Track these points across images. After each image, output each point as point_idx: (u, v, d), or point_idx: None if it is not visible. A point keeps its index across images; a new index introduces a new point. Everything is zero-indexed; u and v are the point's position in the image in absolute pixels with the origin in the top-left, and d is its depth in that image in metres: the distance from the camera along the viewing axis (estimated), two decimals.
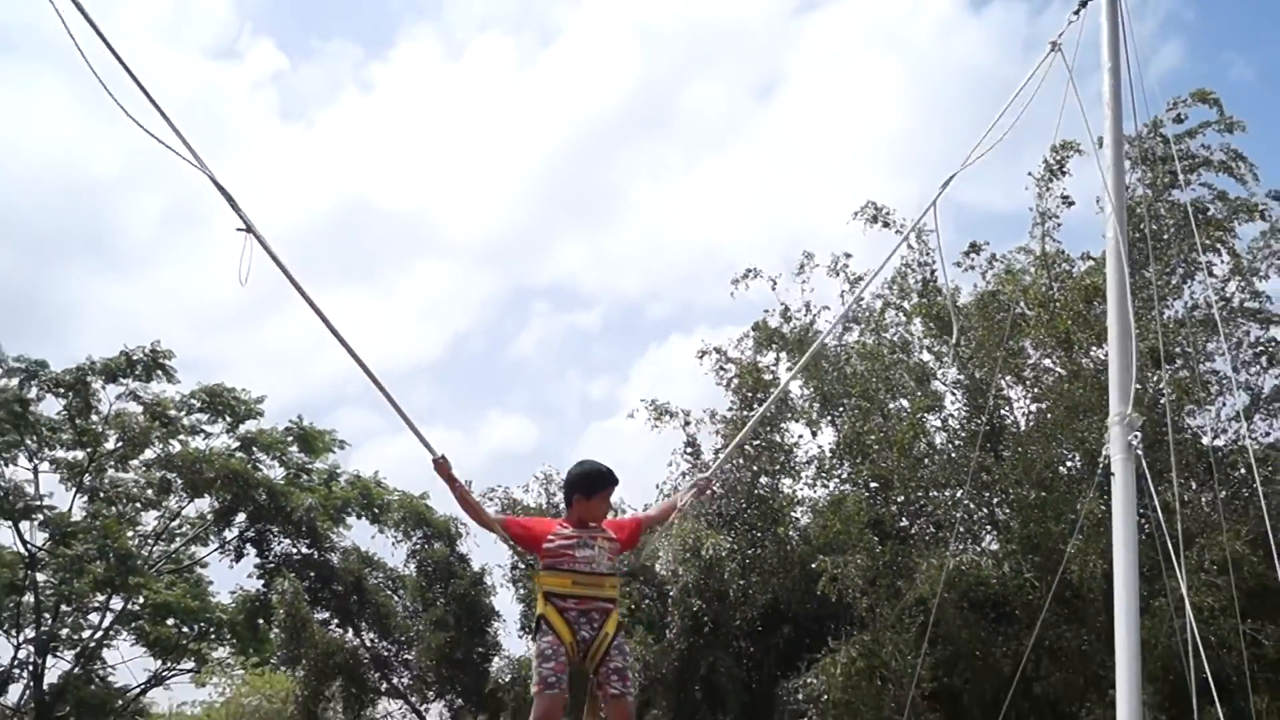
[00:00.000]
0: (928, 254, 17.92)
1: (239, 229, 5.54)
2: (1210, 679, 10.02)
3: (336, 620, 21.89)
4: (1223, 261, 17.13)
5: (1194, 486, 16.97)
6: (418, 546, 22.21)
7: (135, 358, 27.69)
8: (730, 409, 18.54)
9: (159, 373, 27.87)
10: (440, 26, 70.87)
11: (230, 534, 23.93)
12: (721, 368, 18.73)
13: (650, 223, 59.13)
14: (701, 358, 18.87)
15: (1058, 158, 16.71)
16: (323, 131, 62.15)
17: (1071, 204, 17.06)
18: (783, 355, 18.47)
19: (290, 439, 28.54)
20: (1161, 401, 14.66)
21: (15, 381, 27.87)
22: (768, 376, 18.35)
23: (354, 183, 60.96)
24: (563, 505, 6.55)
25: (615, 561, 6.36)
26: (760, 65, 63.87)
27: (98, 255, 55.47)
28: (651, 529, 7.16)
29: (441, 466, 6.22)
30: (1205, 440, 17.62)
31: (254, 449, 27.99)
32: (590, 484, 6.37)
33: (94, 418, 28.58)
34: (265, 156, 58.59)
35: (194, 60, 60.25)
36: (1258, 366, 17.65)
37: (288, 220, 53.44)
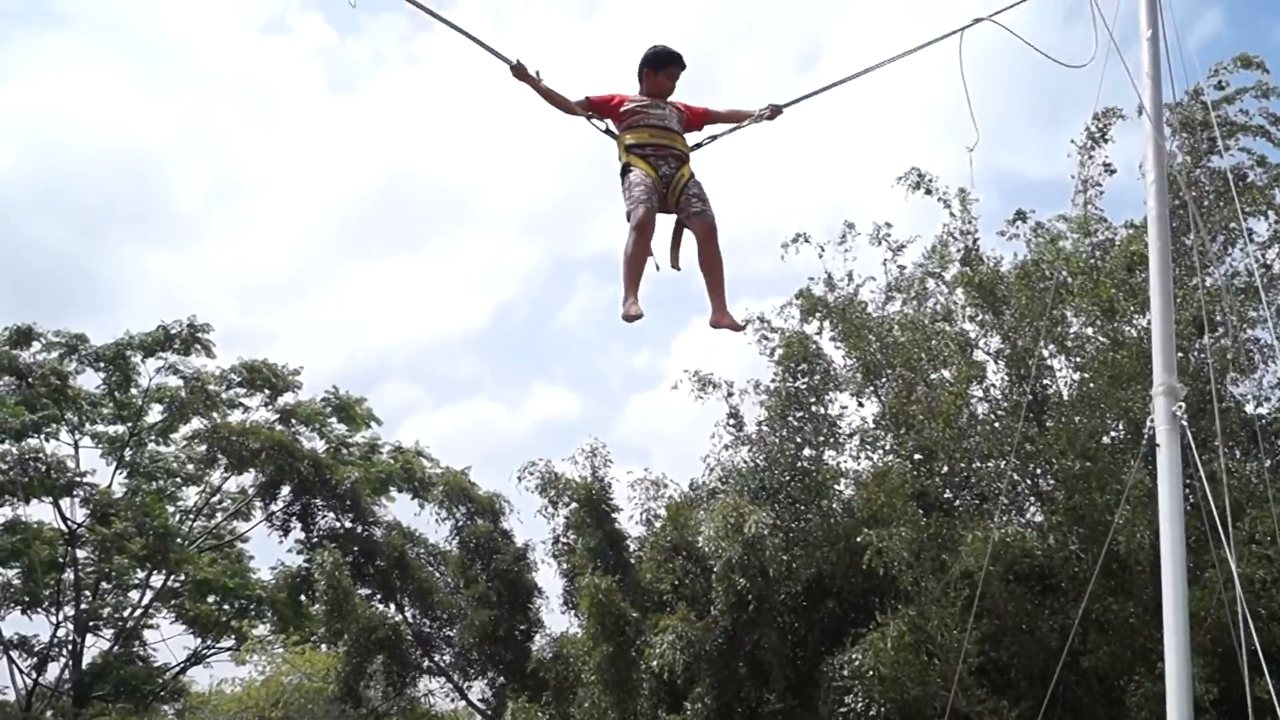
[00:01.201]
0: (970, 222, 17.72)
1: None
2: (1260, 652, 9.94)
3: (379, 596, 21.96)
4: (1270, 226, 16.87)
5: (1238, 456, 16.79)
6: (460, 523, 22.25)
7: (174, 332, 27.83)
8: (774, 379, 18.43)
9: (197, 347, 28.00)
10: None
11: (275, 508, 24.02)
12: (765, 336, 18.60)
13: None
14: (745, 325, 18.70)
15: (1100, 125, 16.46)
16: (369, 104, 62.17)
17: (1114, 171, 16.85)
18: (825, 324, 18.29)
19: (329, 410, 28.67)
20: (1205, 370, 14.45)
21: (55, 355, 28.07)
22: (812, 346, 18.21)
23: (400, 155, 61.08)
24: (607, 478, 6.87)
25: (682, 124, 7.15)
26: (803, 35, 63.34)
27: (146, 228, 55.85)
28: (716, 121, 7.59)
29: (519, 70, 6.75)
30: (1249, 409, 17.44)
31: (293, 421, 28.14)
32: (659, 59, 7.17)
33: (133, 391, 28.79)
34: (314, 129, 58.62)
35: (245, 34, 60.32)
36: None
37: (335, 192, 53.52)
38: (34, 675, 27.73)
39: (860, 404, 18.42)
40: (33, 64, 49.44)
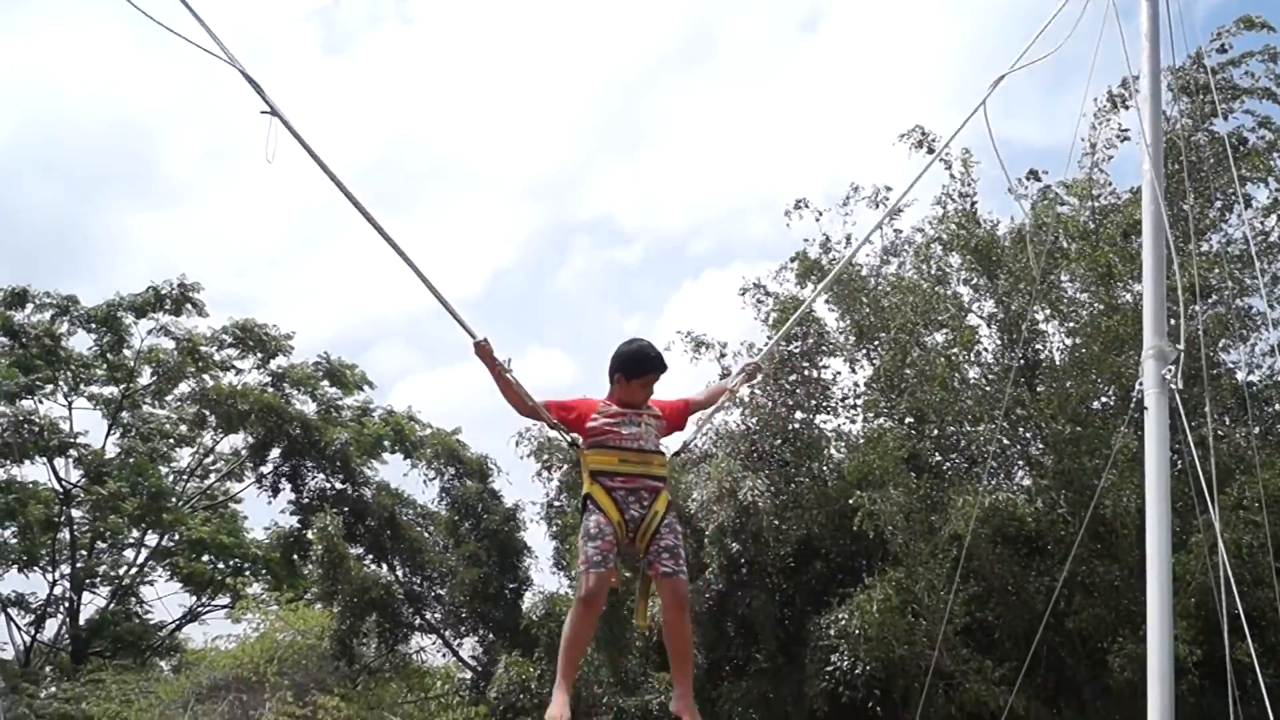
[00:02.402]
0: (969, 184, 17.69)
1: (263, 111, 5.47)
2: (1243, 615, 10.03)
3: (370, 556, 22.09)
4: (1271, 193, 16.88)
5: (1228, 423, 16.88)
6: (450, 484, 22.32)
7: (164, 292, 27.83)
8: (768, 342, 18.45)
9: (189, 307, 28.01)
10: None
11: (265, 469, 24.17)
12: (759, 300, 18.63)
13: (692, 157, 58.66)
14: (743, 294, 18.76)
15: (1122, 92, 16.38)
16: (365, 65, 61.71)
17: (1126, 138, 16.78)
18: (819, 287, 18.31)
19: (320, 374, 28.75)
20: (1195, 333, 14.47)
21: (46, 317, 28.09)
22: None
23: (396, 117, 60.63)
24: None
25: (660, 440, 6.11)
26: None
27: (140, 191, 55.62)
28: (699, 412, 6.92)
29: (482, 348, 5.91)
30: (1240, 376, 17.52)
31: (285, 384, 28.23)
32: (635, 366, 6.07)
33: (126, 353, 28.84)
34: (308, 91, 58.27)
35: None
36: None
37: (331, 155, 53.19)
38: (32, 632, 28.02)
39: (854, 370, 18.48)
40: (25, 26, 49.09)
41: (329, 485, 23.25)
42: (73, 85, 48.69)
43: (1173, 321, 14.97)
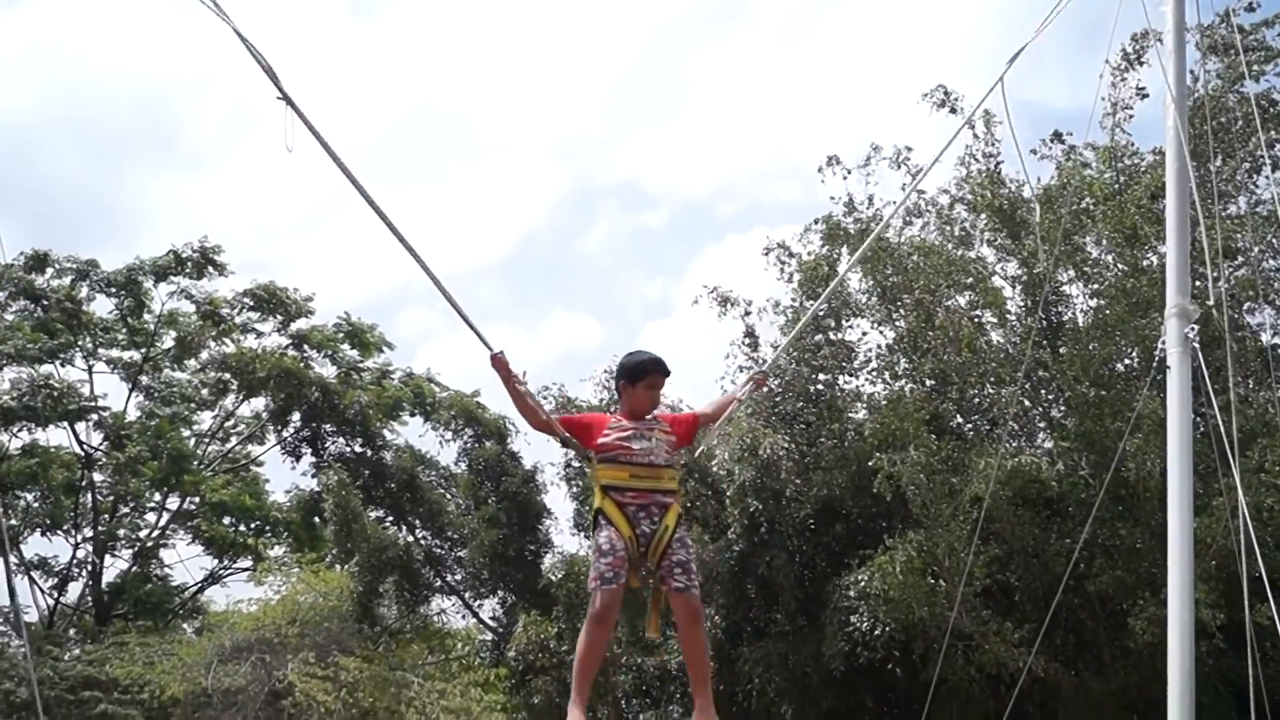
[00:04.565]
0: (994, 144, 17.52)
1: (277, 98, 5.40)
2: (1265, 577, 9.99)
3: (390, 518, 22.18)
4: None
5: (1251, 385, 16.77)
6: (469, 445, 22.39)
7: (184, 255, 27.87)
8: (792, 303, 18.43)
9: (210, 270, 28.05)
10: None
11: (286, 433, 24.29)
12: (782, 261, 18.58)
13: (720, 121, 58.40)
14: (767, 254, 18.72)
15: (1137, 47, 16.19)
16: (393, 28, 61.52)
17: (1146, 96, 16.58)
18: (844, 250, 18.24)
19: (341, 335, 28.80)
20: (1216, 295, 14.34)
21: (67, 281, 28.18)
22: (829, 270, 18.18)
23: (424, 79, 60.52)
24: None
25: (673, 455, 6.17)
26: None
27: (165, 157, 55.76)
28: (709, 426, 7.05)
29: (499, 362, 5.91)
30: (1265, 338, 17.39)
31: (305, 347, 28.29)
32: (635, 371, 6.19)
33: (146, 317, 28.94)
34: (336, 54, 58.11)
35: None
36: None
37: (358, 118, 53.32)
38: (55, 595, 28.28)
39: (881, 333, 18.43)
40: None
41: (349, 448, 23.33)
42: (97, 53, 48.77)
43: (1197, 284, 14.91)
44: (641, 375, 6.19)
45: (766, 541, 16.70)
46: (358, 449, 23.43)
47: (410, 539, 21.90)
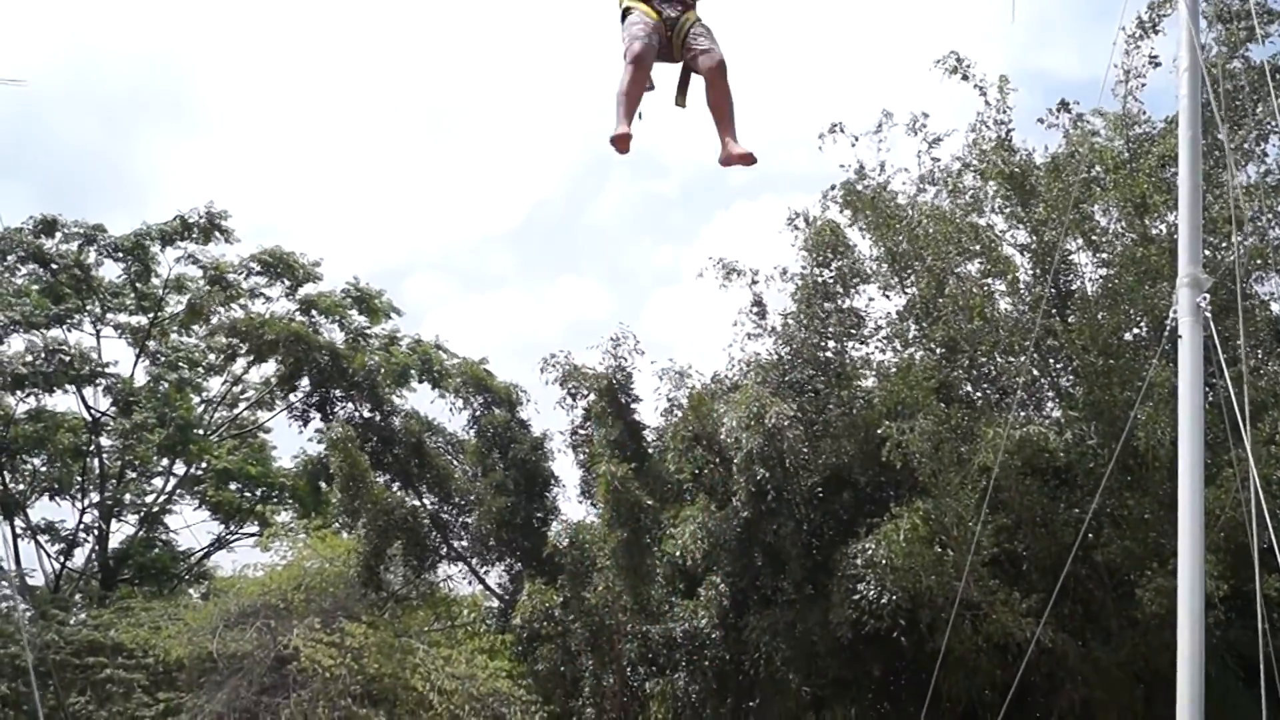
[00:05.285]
0: (1004, 111, 17.36)
1: None
2: (1276, 547, 9.94)
3: (397, 484, 22.16)
4: None
5: (1260, 355, 16.67)
6: (478, 413, 22.34)
7: (191, 221, 27.75)
8: (802, 269, 18.37)
9: (217, 235, 27.94)
10: None
11: (295, 398, 24.22)
12: (796, 228, 18.53)
13: (734, 86, 57.85)
14: (790, 223, 18.68)
15: (1153, 16, 16.03)
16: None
17: (1158, 64, 16.41)
18: (855, 215, 18.14)
19: (349, 301, 28.71)
20: (1229, 263, 14.22)
21: (75, 246, 28.08)
22: (841, 236, 18.14)
23: (439, 43, 60.04)
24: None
25: None
26: None
27: (176, 123, 55.50)
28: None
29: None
30: (1276, 308, 17.28)
31: (313, 312, 28.20)
32: None
33: (154, 282, 28.85)
34: (346, 21, 57.71)
35: None
36: None
37: (368, 85, 53.06)
38: (62, 560, 28.30)
39: (887, 297, 18.36)
40: None
41: (357, 413, 23.29)
42: (104, 17, 48.53)
43: (1207, 253, 14.78)
44: None
45: (774, 510, 16.68)
46: (366, 414, 23.39)
47: (417, 504, 21.89)
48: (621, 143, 6.37)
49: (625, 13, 6.69)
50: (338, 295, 28.69)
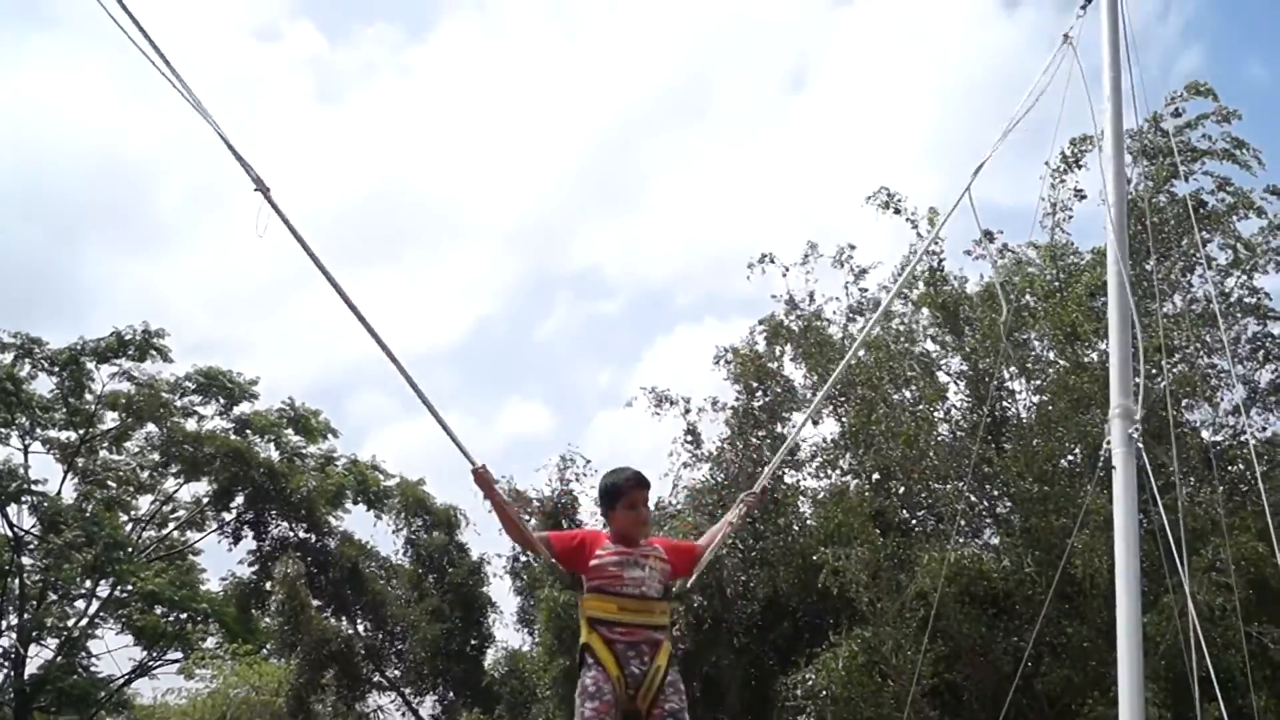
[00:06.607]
0: (936, 242, 17.72)
1: (254, 190, 5.39)
2: (1214, 676, 9.92)
3: (331, 608, 21.71)
4: (1225, 255, 17.03)
5: (1193, 482, 16.85)
6: (415, 535, 22.05)
7: (127, 337, 27.47)
8: (737, 399, 18.41)
9: (153, 353, 27.66)
10: (481, 12, 70.28)
11: (228, 516, 23.77)
12: (726, 361, 18.63)
13: (678, 212, 59.03)
14: (716, 362, 18.83)
15: (1075, 151, 16.54)
16: (358, 114, 61.83)
17: (1084, 197, 16.89)
18: (787, 347, 18.31)
19: (284, 421, 28.39)
20: (1160, 390, 14.46)
21: (9, 358, 27.64)
22: (773, 365, 18.24)
23: (387, 166, 60.70)
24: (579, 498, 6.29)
25: (666, 585, 5.66)
26: (793, 56, 63.85)
27: (124, 234, 55.29)
28: (709, 548, 6.26)
29: (481, 476, 5.59)
30: (1205, 435, 17.52)
31: (248, 431, 27.83)
32: (610, 494, 5.72)
33: (87, 397, 28.39)
34: (301, 139, 58.21)
35: (237, 40, 59.98)
36: (1254, 362, 17.57)
37: (320, 201, 53.38)
38: None
39: (815, 424, 18.45)
40: (18, 64, 48.86)
41: (292, 533, 22.88)
42: (62, 124, 48.55)
43: (1138, 381, 15.00)
44: (617, 496, 5.69)
45: (713, 639, 16.46)
46: (302, 534, 22.99)
47: (351, 630, 21.42)
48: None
49: (583, 654, 5.49)
50: (273, 415, 28.39)
